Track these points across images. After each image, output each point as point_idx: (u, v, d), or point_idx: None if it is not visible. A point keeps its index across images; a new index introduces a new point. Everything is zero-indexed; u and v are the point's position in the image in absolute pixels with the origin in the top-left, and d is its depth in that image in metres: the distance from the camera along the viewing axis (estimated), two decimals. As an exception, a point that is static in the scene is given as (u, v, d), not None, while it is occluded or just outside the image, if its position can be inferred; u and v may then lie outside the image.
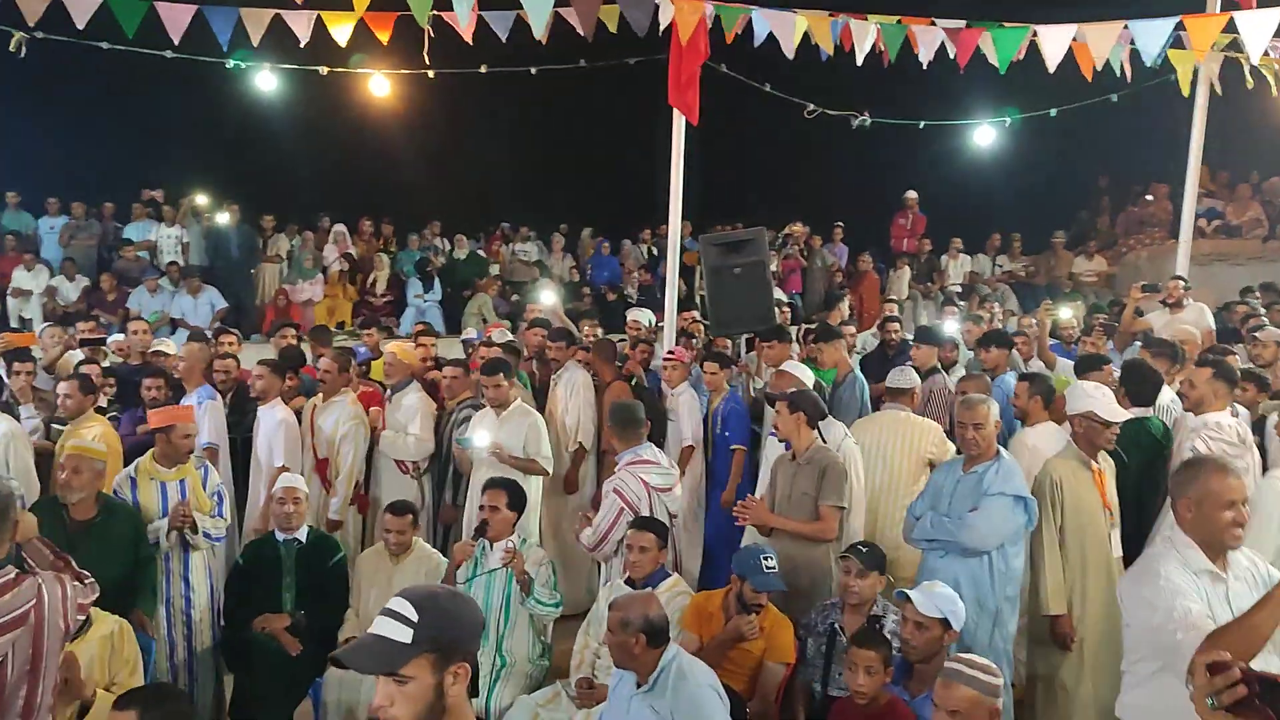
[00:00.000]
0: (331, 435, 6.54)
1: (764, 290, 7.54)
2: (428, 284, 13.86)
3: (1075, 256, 15.14)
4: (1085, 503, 4.73)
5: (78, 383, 6.05)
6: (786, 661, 4.46)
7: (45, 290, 12.79)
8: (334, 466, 6.56)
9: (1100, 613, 4.66)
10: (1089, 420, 4.78)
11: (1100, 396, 4.79)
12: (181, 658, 5.15)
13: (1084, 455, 4.82)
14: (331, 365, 6.71)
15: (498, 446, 6.13)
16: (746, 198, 16.02)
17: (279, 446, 6.35)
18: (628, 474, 5.36)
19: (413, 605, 2.13)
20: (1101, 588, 4.68)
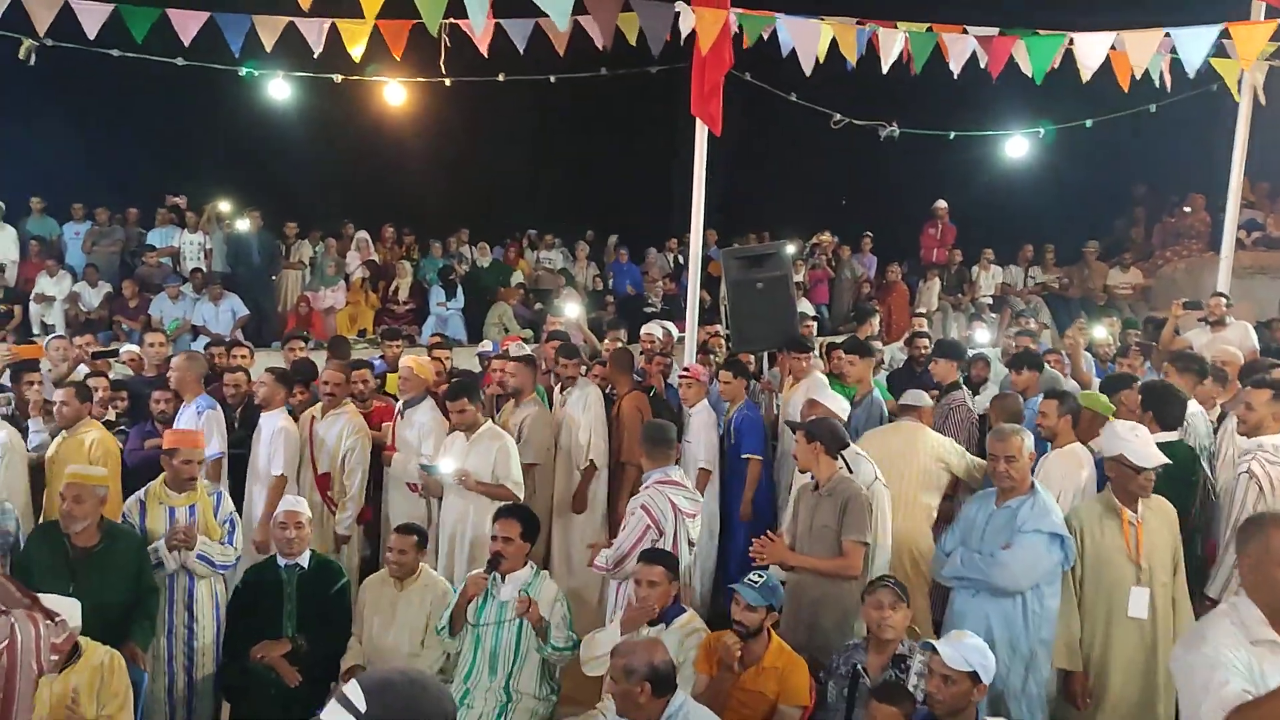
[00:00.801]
0: (335, 449, 6.38)
1: (787, 305, 7.32)
2: (450, 292, 13.70)
3: (1110, 268, 14.77)
4: (1108, 554, 4.44)
5: (74, 390, 5.95)
6: (802, 704, 4.23)
7: (68, 296, 12.73)
8: (337, 481, 6.39)
9: (1123, 678, 4.37)
10: (1120, 465, 4.45)
11: (1133, 439, 4.45)
12: (181, 691, 5.00)
13: (1115, 502, 4.50)
14: (337, 377, 6.55)
15: (464, 473, 5.92)
16: (773, 207, 15.76)
17: (278, 454, 6.20)
18: (656, 492, 5.16)
19: (364, 693, 1.92)
20: (1127, 649, 4.40)
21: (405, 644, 5.05)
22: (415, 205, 15.51)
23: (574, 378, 7.09)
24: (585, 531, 6.94)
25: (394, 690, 1.94)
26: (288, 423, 6.37)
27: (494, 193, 16.13)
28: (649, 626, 4.57)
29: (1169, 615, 4.48)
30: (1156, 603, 4.44)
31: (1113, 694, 4.40)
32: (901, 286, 14.06)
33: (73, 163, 14.00)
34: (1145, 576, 4.43)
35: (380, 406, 7.27)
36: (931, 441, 5.82)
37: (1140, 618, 4.41)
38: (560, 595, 4.94)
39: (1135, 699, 4.41)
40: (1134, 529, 4.44)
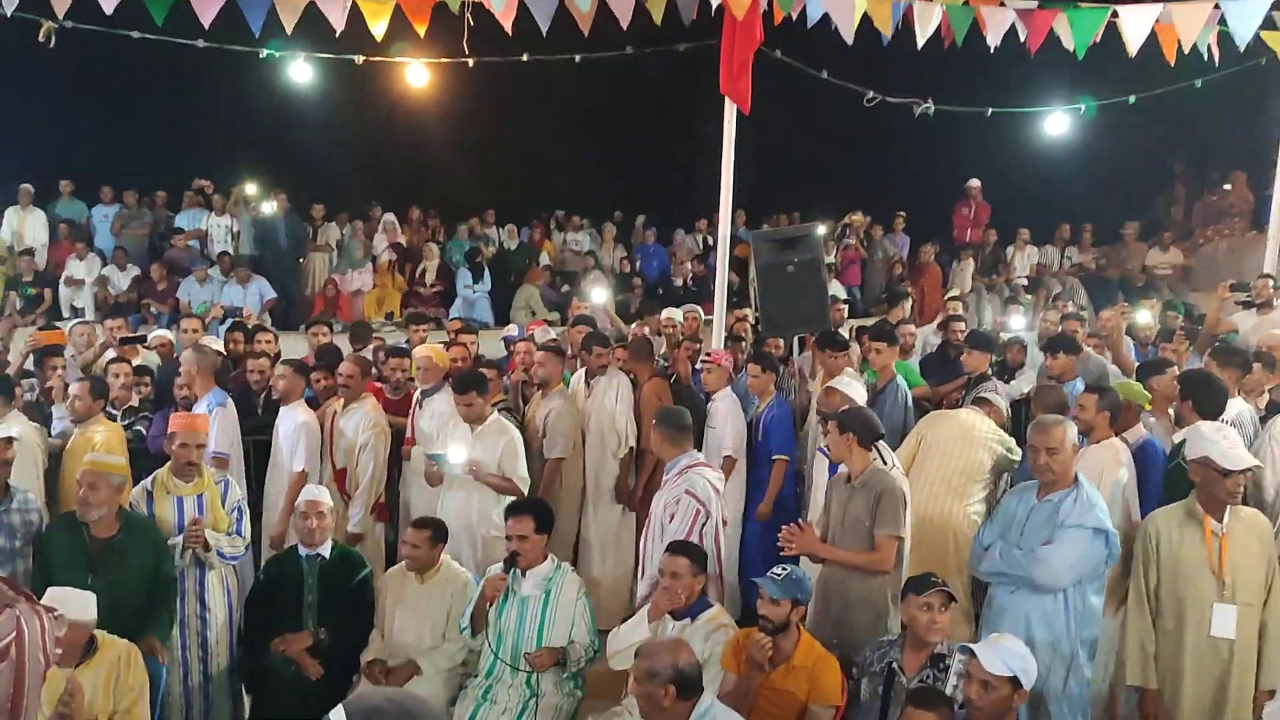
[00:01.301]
0: (351, 443, 6.27)
1: (818, 289, 7.12)
2: (477, 274, 13.59)
3: (1149, 248, 14.44)
4: (1187, 566, 4.15)
5: (88, 385, 5.86)
6: (834, 705, 4.09)
7: (97, 280, 12.74)
8: (352, 477, 6.28)
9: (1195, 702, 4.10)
10: (1206, 468, 4.13)
11: (1220, 440, 4.11)
12: (196, 681, 4.94)
13: (1198, 510, 4.19)
14: (353, 369, 6.44)
15: (474, 464, 5.80)
16: (804, 187, 15.52)
17: (300, 450, 6.11)
18: (694, 474, 5.04)
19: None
20: (1203, 670, 4.11)
21: (427, 637, 4.96)
22: (441, 187, 15.41)
23: (604, 367, 6.93)
24: (620, 521, 6.84)
25: (380, 716, 1.81)
26: (309, 417, 6.27)
27: (521, 174, 15.97)
28: (675, 620, 4.46)
29: (1253, 641, 4.14)
30: (1240, 625, 4.10)
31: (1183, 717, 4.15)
32: (934, 268, 13.79)
33: (100, 145, 14.02)
34: (1229, 593, 4.11)
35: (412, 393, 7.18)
36: (992, 430, 5.68)
37: (1227, 637, 4.09)
38: (582, 591, 4.83)
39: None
40: (1218, 540, 4.13)
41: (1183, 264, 14.20)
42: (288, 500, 6.05)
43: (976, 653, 3.44)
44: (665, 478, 5.19)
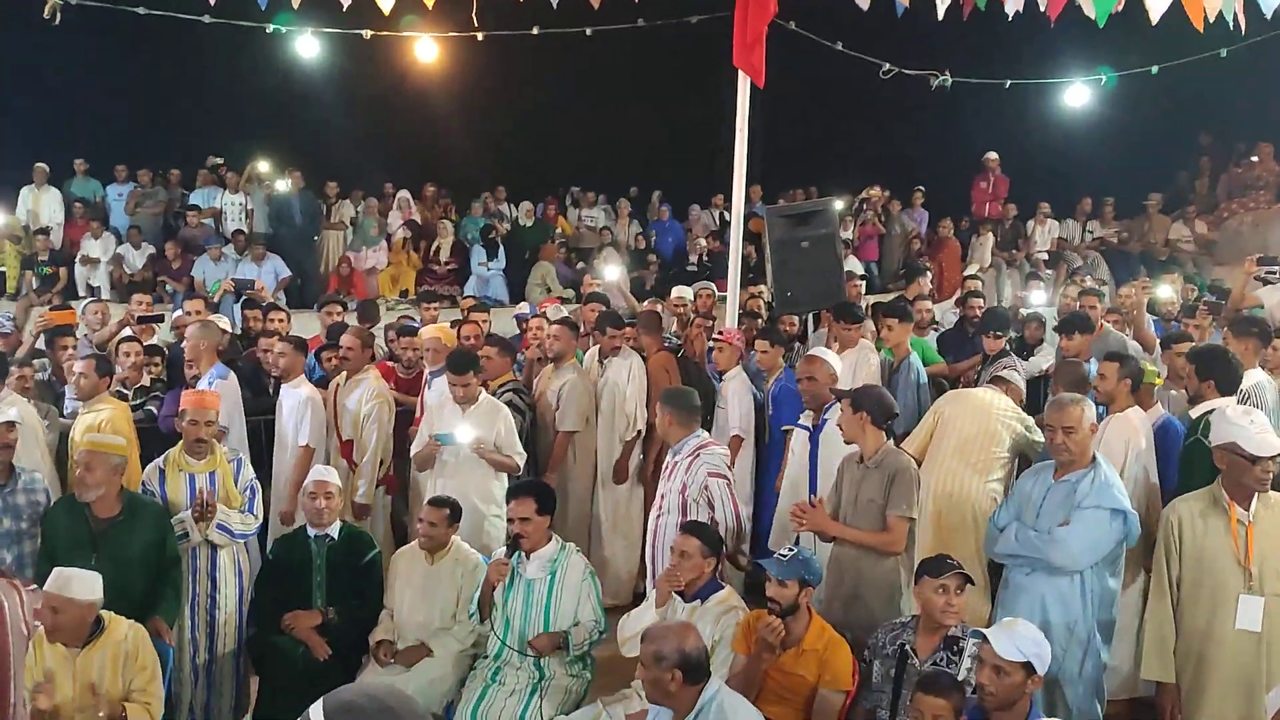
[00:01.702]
0: (355, 414, 6.22)
1: (833, 265, 7.05)
2: (492, 252, 13.52)
3: (1172, 222, 14.21)
4: (1210, 555, 3.94)
5: (93, 363, 5.82)
6: (844, 689, 4.02)
7: (112, 258, 12.75)
8: (359, 447, 6.23)
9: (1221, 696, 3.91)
10: (1232, 454, 3.91)
11: (1247, 424, 3.88)
12: (203, 660, 4.92)
13: (1224, 497, 3.97)
14: (353, 342, 6.39)
15: (480, 442, 5.74)
16: (820, 161, 15.35)
17: (304, 426, 6.08)
18: (707, 455, 4.98)
19: (325, 718, 1.74)
20: (1228, 664, 3.90)
21: (436, 618, 4.92)
22: (454, 163, 15.34)
23: (617, 347, 6.86)
24: (630, 498, 6.80)
25: (356, 714, 1.74)
26: (313, 392, 6.23)
27: (534, 149, 15.88)
28: (685, 602, 4.41)
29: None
30: (1269, 618, 3.89)
31: (1208, 713, 3.95)
32: (953, 243, 13.61)
33: (113, 123, 13.99)
34: (1256, 584, 3.88)
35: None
36: (1010, 408, 5.59)
37: (1252, 630, 3.88)
38: (588, 572, 4.77)
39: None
40: (1244, 529, 3.90)
41: (1207, 237, 13.97)
42: (295, 475, 6.03)
43: (989, 638, 3.36)
44: (674, 459, 5.08)
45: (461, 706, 4.48)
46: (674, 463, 5.08)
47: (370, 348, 6.50)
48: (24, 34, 9.06)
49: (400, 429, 6.50)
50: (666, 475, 5.11)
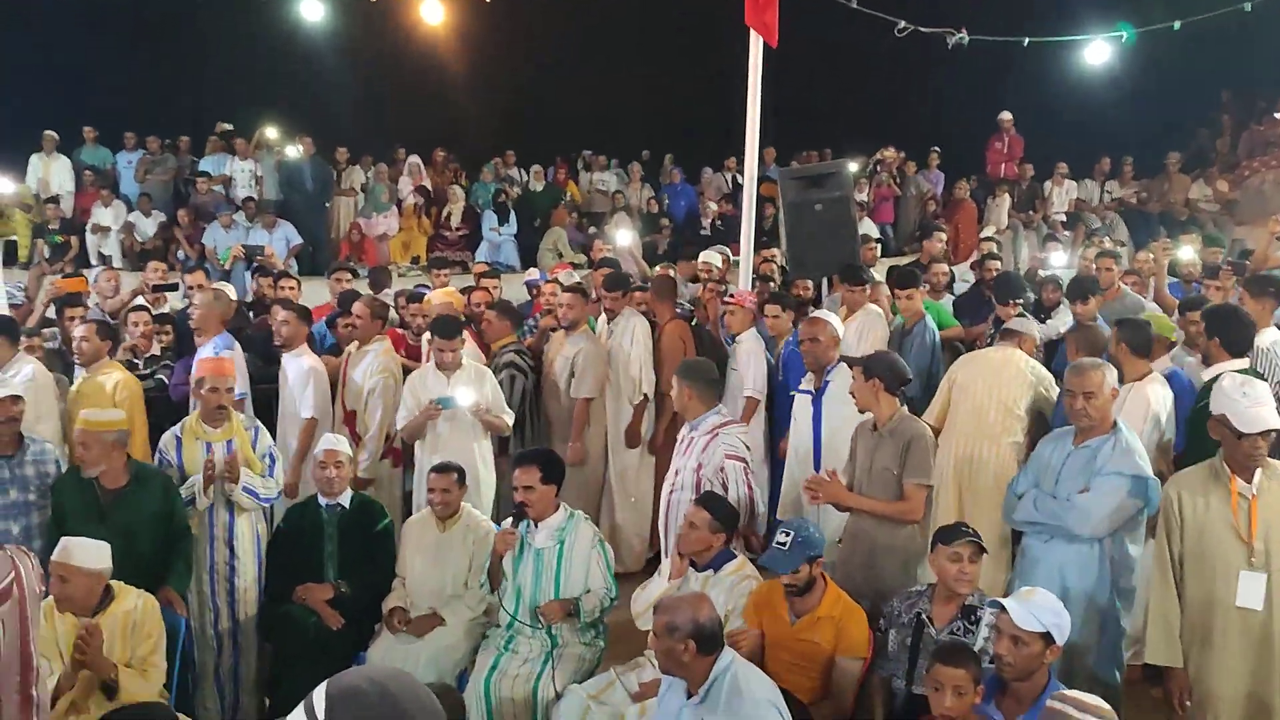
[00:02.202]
0: (361, 386, 6.19)
1: (847, 228, 6.95)
2: (503, 217, 13.43)
3: (1192, 181, 14.00)
4: (1212, 531, 3.78)
5: (94, 327, 5.77)
6: (861, 656, 3.98)
7: (123, 226, 12.72)
8: (362, 420, 6.20)
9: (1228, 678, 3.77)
10: (1224, 427, 3.74)
11: (1239, 398, 3.69)
12: (226, 626, 4.91)
13: (1225, 470, 3.79)
14: (363, 311, 6.33)
15: (479, 405, 5.72)
16: (835, 122, 15.16)
17: (307, 396, 6.03)
18: (725, 436, 4.89)
19: (327, 702, 1.69)
20: (1233, 644, 3.76)
21: (449, 585, 4.90)
22: (465, 128, 15.20)
23: (618, 309, 6.80)
24: (640, 463, 6.76)
25: (360, 702, 1.69)
26: (315, 362, 6.18)
27: (545, 113, 15.73)
28: (699, 572, 4.37)
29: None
30: (1274, 594, 3.71)
31: (1216, 696, 3.80)
32: (970, 204, 13.45)
33: (122, 90, 13.89)
34: (1260, 560, 3.70)
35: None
36: (1025, 366, 5.51)
37: (1252, 608, 3.71)
38: (597, 539, 4.73)
39: (1244, 704, 3.77)
40: (1246, 503, 3.72)
41: (1228, 197, 13.75)
42: (299, 448, 6.00)
43: (1008, 608, 3.30)
44: (690, 434, 4.99)
45: (474, 675, 4.46)
46: (691, 438, 4.98)
47: (381, 317, 6.44)
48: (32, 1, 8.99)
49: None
50: (683, 449, 5.02)
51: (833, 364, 5.29)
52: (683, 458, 5.00)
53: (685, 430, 5.07)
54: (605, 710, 4.08)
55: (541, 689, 4.34)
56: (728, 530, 4.37)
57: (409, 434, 5.93)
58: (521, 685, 4.37)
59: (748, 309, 6.55)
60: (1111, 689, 4.09)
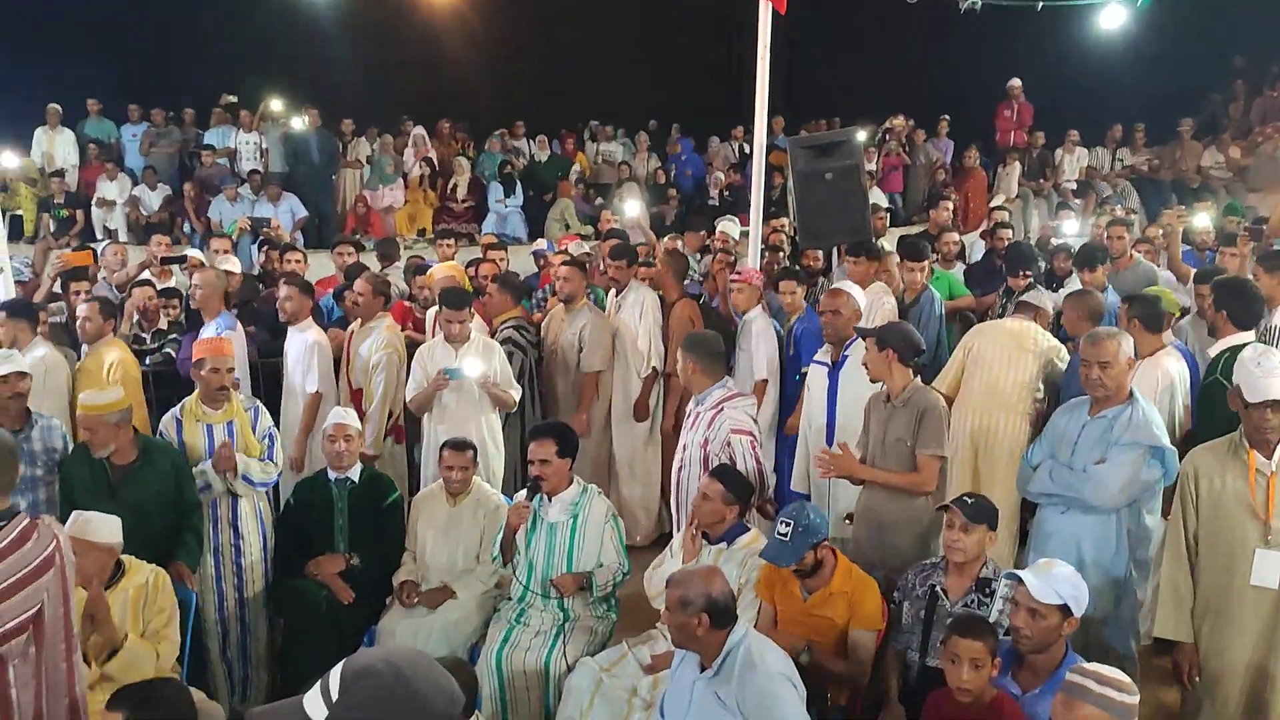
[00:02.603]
0: (366, 362, 6.15)
1: (858, 197, 6.85)
2: (509, 189, 13.35)
3: (1205, 148, 13.85)
4: (1228, 508, 3.68)
5: (98, 305, 5.74)
6: (875, 628, 3.96)
7: (128, 200, 12.67)
8: (368, 396, 6.16)
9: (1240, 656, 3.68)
10: (1236, 398, 3.67)
11: (1254, 368, 3.60)
12: (232, 608, 4.89)
13: (1243, 444, 3.69)
14: (366, 288, 6.30)
15: (487, 376, 5.69)
16: (844, 91, 15.01)
17: (312, 371, 6.01)
18: (731, 410, 4.82)
19: (341, 681, 1.69)
20: (1245, 623, 3.67)
21: (460, 559, 4.90)
22: (470, 98, 15.08)
23: (624, 281, 6.74)
24: (648, 438, 6.72)
25: (372, 681, 1.69)
26: (320, 337, 6.15)
27: (550, 83, 15.59)
28: (711, 545, 4.34)
29: None
30: None
31: (1226, 673, 3.72)
32: (979, 172, 13.34)
33: (125, 62, 13.80)
34: (1276, 539, 3.60)
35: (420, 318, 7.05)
36: (1040, 337, 5.48)
37: (1267, 587, 3.62)
38: (611, 514, 4.71)
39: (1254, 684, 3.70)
40: (1264, 479, 3.61)
41: (1240, 163, 13.61)
42: (304, 422, 5.98)
43: (1025, 580, 3.27)
44: (697, 409, 4.93)
45: (486, 648, 4.45)
46: (697, 413, 4.93)
47: (383, 294, 6.40)
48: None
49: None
50: (690, 424, 4.97)
51: (852, 338, 5.24)
52: (690, 433, 4.96)
53: (692, 405, 5.03)
54: (617, 683, 4.06)
55: (553, 661, 4.34)
56: (741, 502, 4.33)
57: (417, 406, 5.89)
58: (533, 658, 4.36)
59: (755, 286, 6.49)
60: (1128, 660, 4.07)
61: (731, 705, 3.20)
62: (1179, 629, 3.79)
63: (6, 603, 2.70)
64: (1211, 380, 4.73)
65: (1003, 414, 5.24)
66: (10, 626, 2.70)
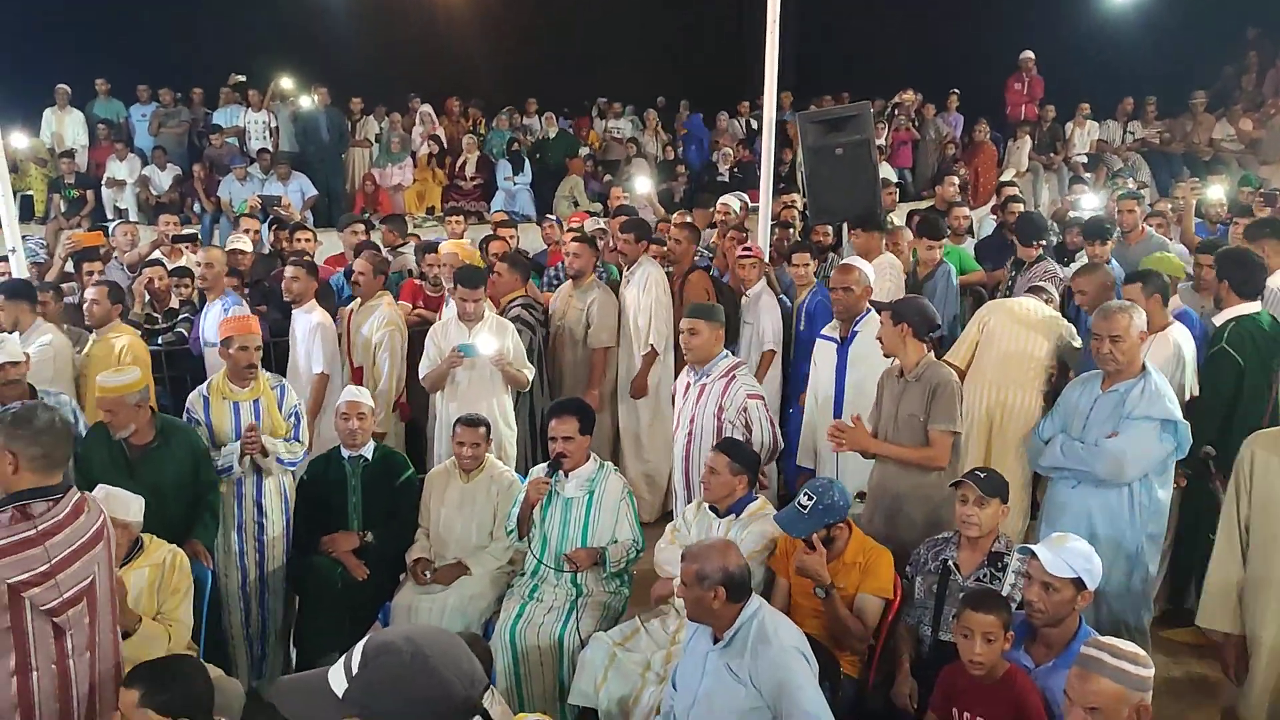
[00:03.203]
0: (367, 341, 6.17)
1: (869, 172, 6.83)
2: (517, 166, 13.32)
3: (1217, 120, 13.74)
4: (1276, 497, 3.51)
5: (105, 289, 5.74)
6: (885, 596, 3.98)
7: (138, 180, 12.68)
8: (371, 375, 6.17)
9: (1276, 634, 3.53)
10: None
11: None
12: (254, 585, 4.92)
13: None
14: (366, 268, 6.30)
15: (501, 354, 5.70)
16: (853, 65, 14.91)
17: (317, 353, 6.02)
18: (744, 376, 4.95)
19: (362, 656, 1.72)
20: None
21: (474, 536, 4.92)
22: (479, 75, 15.01)
23: (634, 256, 6.72)
24: (654, 415, 6.73)
25: (392, 659, 1.72)
26: (324, 317, 6.15)
27: (558, 59, 15.51)
28: (720, 518, 4.36)
29: None
30: None
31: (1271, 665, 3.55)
32: (989, 147, 13.24)
33: (133, 42, 13.76)
34: None
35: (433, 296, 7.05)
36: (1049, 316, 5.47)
37: None
38: (626, 490, 4.73)
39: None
40: None
41: (1252, 135, 13.49)
42: (312, 402, 5.99)
43: (1038, 554, 3.28)
44: (701, 380, 4.97)
45: (500, 623, 4.48)
46: (703, 384, 4.96)
47: (383, 273, 6.40)
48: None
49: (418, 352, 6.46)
50: (694, 396, 4.99)
51: (862, 314, 5.24)
52: (694, 405, 4.98)
53: (688, 377, 5.05)
54: (631, 656, 4.09)
55: (567, 636, 4.36)
56: (749, 472, 4.35)
57: (430, 384, 5.90)
58: (547, 633, 4.39)
59: (764, 261, 6.50)
60: (1140, 633, 4.09)
61: (744, 677, 3.22)
62: (1228, 620, 3.64)
63: (65, 572, 2.79)
64: (1218, 349, 4.73)
65: (1017, 389, 5.23)
66: (69, 595, 2.81)
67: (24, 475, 2.83)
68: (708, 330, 4.95)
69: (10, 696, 2.74)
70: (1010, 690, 3.21)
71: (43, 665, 2.78)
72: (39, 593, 2.73)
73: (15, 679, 2.74)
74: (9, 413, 2.92)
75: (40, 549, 2.74)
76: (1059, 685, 2.94)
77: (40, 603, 2.74)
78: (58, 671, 2.82)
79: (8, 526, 2.72)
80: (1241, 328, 4.73)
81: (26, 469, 2.83)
